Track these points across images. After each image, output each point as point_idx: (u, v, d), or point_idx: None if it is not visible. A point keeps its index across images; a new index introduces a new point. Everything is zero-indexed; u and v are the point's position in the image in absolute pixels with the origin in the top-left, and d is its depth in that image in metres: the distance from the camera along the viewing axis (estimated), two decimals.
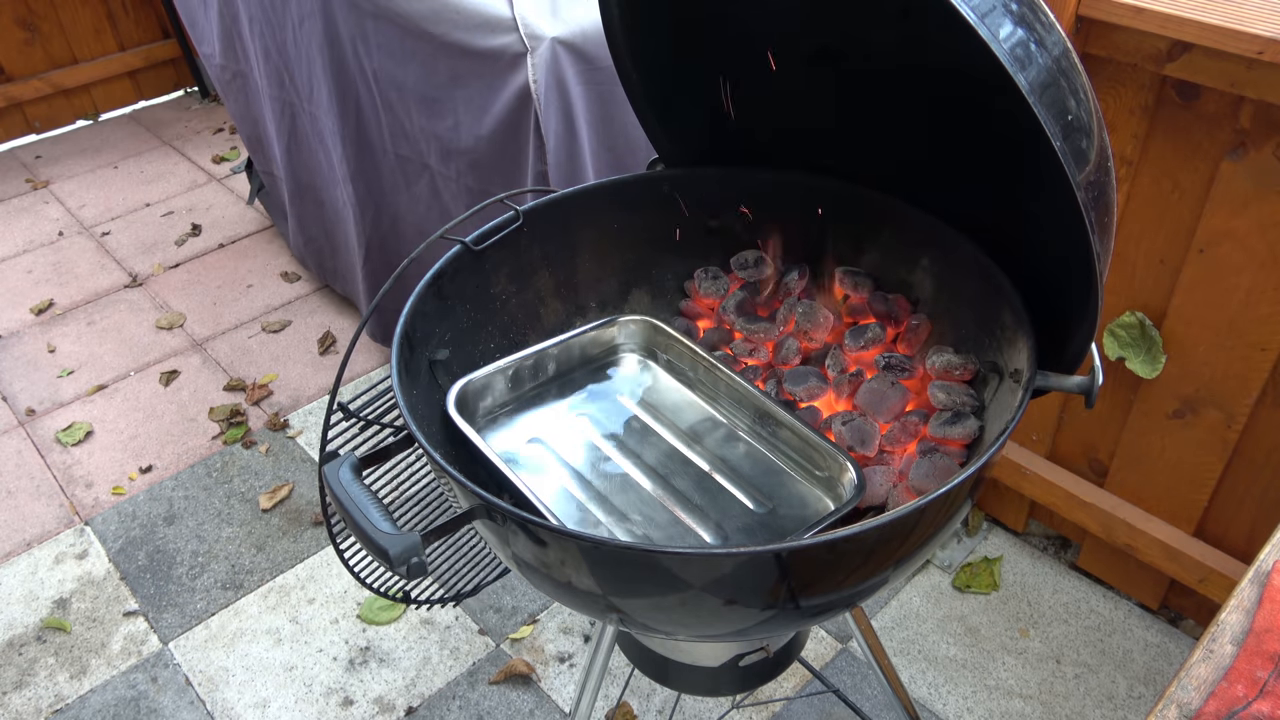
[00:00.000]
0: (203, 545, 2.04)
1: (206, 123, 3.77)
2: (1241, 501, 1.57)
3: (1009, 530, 1.98)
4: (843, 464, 0.95)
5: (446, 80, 1.70)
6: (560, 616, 1.85)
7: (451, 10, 1.62)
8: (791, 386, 1.08)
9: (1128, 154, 1.43)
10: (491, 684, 1.74)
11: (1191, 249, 1.42)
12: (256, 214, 3.17)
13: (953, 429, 0.97)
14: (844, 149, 1.13)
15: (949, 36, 0.71)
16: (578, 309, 1.20)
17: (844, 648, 1.78)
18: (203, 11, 2.43)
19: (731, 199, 1.20)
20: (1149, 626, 1.79)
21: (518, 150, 1.66)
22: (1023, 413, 0.84)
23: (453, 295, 1.05)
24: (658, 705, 1.70)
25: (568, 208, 1.15)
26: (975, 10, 0.68)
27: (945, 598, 1.86)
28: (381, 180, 2.07)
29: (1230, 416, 1.49)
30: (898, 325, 1.13)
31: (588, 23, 1.54)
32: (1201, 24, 1.22)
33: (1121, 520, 1.68)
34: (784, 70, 1.11)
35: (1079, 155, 0.72)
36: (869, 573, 0.85)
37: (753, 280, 1.22)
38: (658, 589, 0.83)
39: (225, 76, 2.51)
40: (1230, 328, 1.43)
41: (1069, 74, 0.73)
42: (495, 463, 0.94)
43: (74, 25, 3.57)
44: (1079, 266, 0.79)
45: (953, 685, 1.71)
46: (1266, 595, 0.72)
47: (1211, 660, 0.69)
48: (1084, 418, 1.71)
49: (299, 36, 2.03)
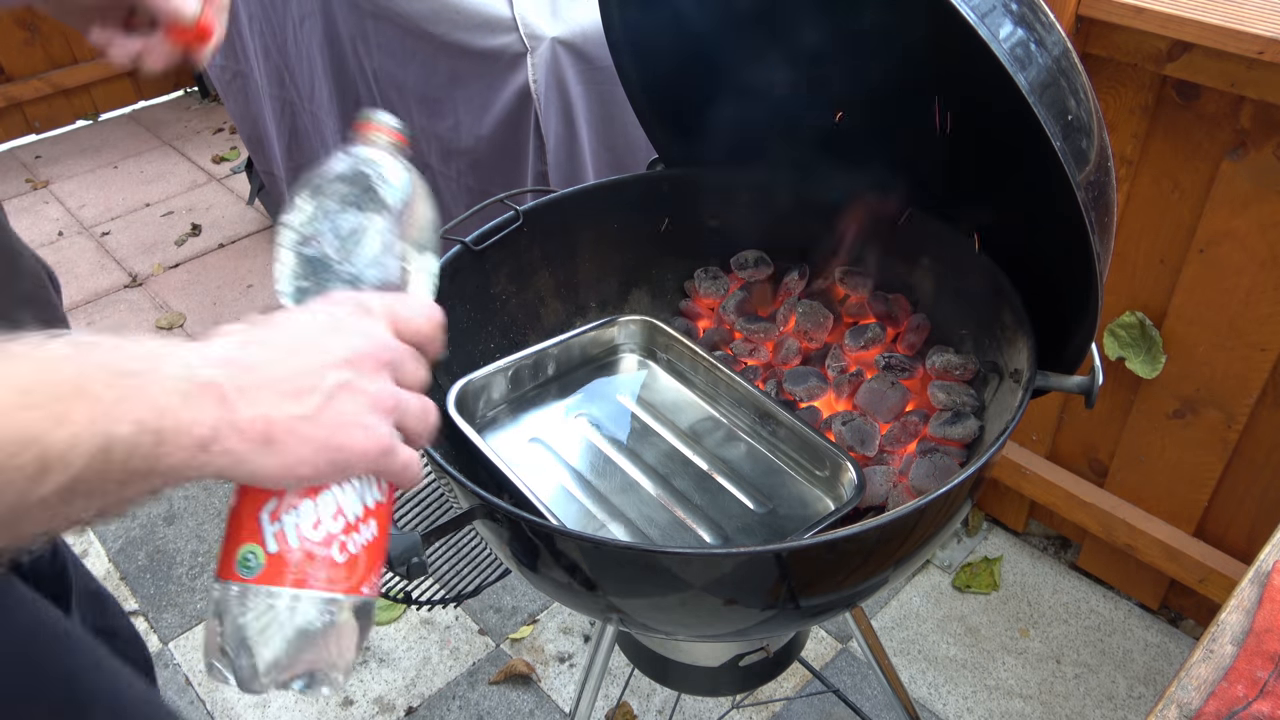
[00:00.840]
0: (203, 545, 2.04)
1: (206, 123, 3.77)
2: (1241, 501, 1.57)
3: (1009, 530, 1.98)
4: (843, 464, 0.95)
5: (446, 80, 1.70)
6: (560, 616, 1.85)
7: (451, 10, 1.62)
8: (791, 386, 1.08)
9: (1128, 154, 1.43)
10: (491, 684, 1.74)
11: (1191, 249, 1.42)
12: (256, 214, 3.17)
13: (953, 429, 0.97)
14: (844, 149, 1.13)
15: (949, 36, 0.71)
16: (578, 309, 1.20)
17: (844, 648, 1.78)
18: None
19: (731, 199, 1.20)
20: (1149, 626, 1.79)
21: (518, 150, 1.66)
22: (1023, 413, 0.84)
23: (453, 295, 1.05)
24: (658, 705, 1.70)
25: (568, 208, 1.15)
26: (975, 10, 0.68)
27: (945, 598, 1.86)
28: None
29: (1230, 416, 1.49)
30: (898, 325, 1.13)
31: (588, 23, 1.54)
32: (1201, 24, 1.22)
33: (1121, 520, 1.68)
34: (784, 69, 1.11)
35: (1079, 155, 0.72)
36: (869, 573, 0.85)
37: (753, 280, 1.22)
38: (658, 589, 0.83)
39: (225, 76, 2.51)
40: (1230, 328, 1.43)
41: (1069, 74, 0.73)
42: (495, 463, 0.94)
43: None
44: (1079, 266, 0.79)
45: (953, 685, 1.71)
46: (1266, 595, 0.72)
47: (1211, 660, 0.69)
48: (1084, 418, 1.71)
49: (299, 36, 2.04)
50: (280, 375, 0.53)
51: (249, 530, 0.56)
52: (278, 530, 0.56)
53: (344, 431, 0.54)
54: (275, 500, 0.56)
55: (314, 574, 0.56)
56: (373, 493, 0.59)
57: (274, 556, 0.55)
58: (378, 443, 0.55)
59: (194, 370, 0.50)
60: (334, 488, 0.57)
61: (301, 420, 0.52)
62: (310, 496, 0.56)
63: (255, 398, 0.51)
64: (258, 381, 0.52)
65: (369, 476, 0.59)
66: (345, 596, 0.57)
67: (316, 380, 0.53)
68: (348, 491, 0.58)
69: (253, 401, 0.51)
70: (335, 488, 0.57)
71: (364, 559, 0.58)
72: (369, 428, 0.55)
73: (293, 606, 0.55)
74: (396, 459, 0.57)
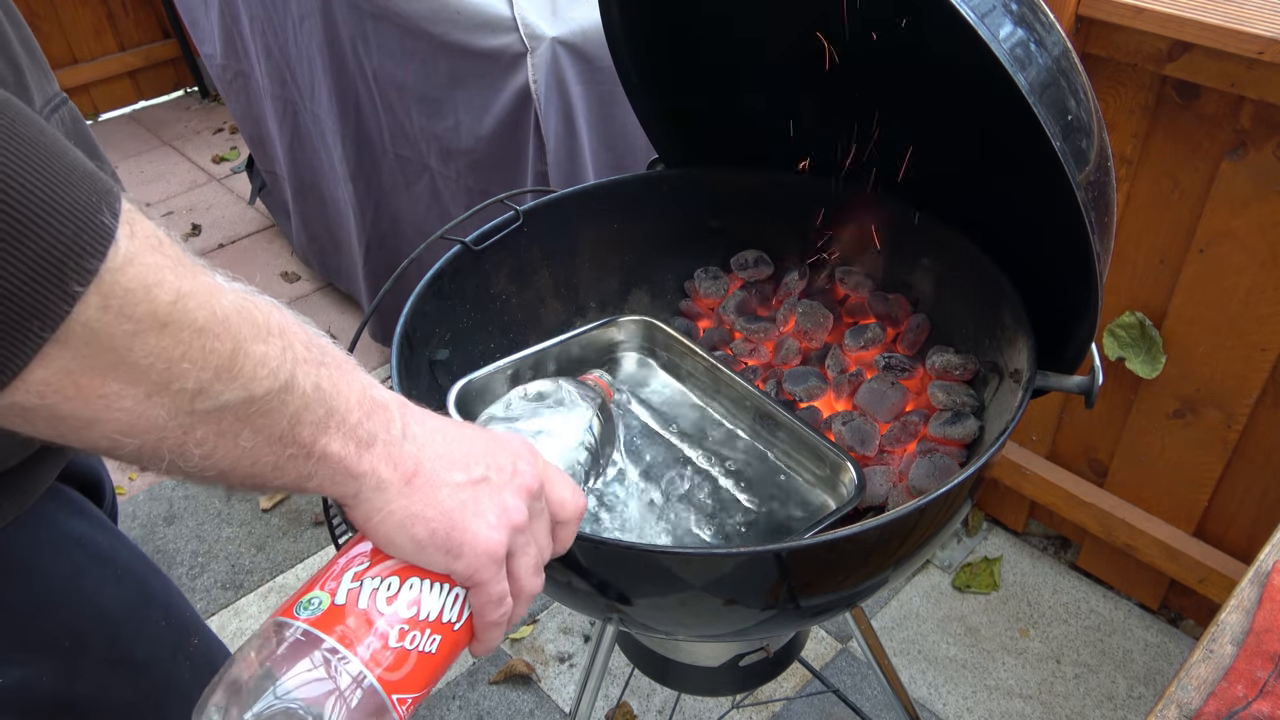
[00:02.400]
0: (203, 545, 2.04)
1: (206, 123, 3.77)
2: (1241, 501, 1.57)
3: (1009, 530, 1.98)
4: (843, 464, 0.95)
5: (446, 80, 1.70)
6: (560, 616, 1.85)
7: (451, 10, 1.62)
8: (791, 386, 1.08)
9: (1128, 154, 1.43)
10: (491, 684, 1.74)
11: (1191, 249, 1.42)
12: (256, 214, 3.17)
13: (953, 429, 0.97)
14: (844, 149, 1.13)
15: (949, 36, 0.71)
16: (578, 309, 1.20)
17: (844, 648, 1.78)
18: (203, 11, 2.43)
19: (731, 199, 1.20)
20: (1149, 626, 1.79)
21: (518, 150, 1.66)
22: (1023, 413, 0.84)
23: (453, 295, 1.05)
24: (658, 705, 1.70)
25: (568, 208, 1.15)
26: (975, 10, 0.69)
27: (945, 598, 1.86)
28: (381, 180, 2.07)
29: (1230, 416, 1.49)
30: (898, 325, 1.13)
31: (588, 23, 1.54)
32: (1201, 24, 1.22)
33: (1121, 520, 1.68)
34: (784, 70, 1.11)
35: (1079, 155, 0.72)
36: (869, 573, 0.85)
37: (753, 280, 1.22)
38: (658, 589, 0.83)
39: (226, 76, 2.51)
40: (1230, 328, 1.43)
41: (1069, 74, 0.73)
42: None
43: (74, 25, 3.57)
44: (1079, 266, 0.79)
45: (953, 685, 1.71)
46: (1266, 595, 0.72)
47: (1211, 660, 0.69)
48: (1084, 418, 1.71)
49: (299, 36, 2.03)
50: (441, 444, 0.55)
51: (326, 580, 0.56)
52: (354, 588, 0.55)
53: (473, 517, 0.55)
54: (367, 564, 0.56)
55: (362, 641, 0.53)
56: (452, 612, 0.57)
57: (336, 607, 0.54)
58: (493, 546, 0.56)
59: (372, 389, 0.53)
60: (424, 581, 0.56)
61: (446, 484, 0.54)
62: (400, 574, 0.56)
63: (416, 443, 0.54)
64: (421, 435, 0.55)
65: (458, 594, 0.57)
66: (376, 682, 0.53)
67: (470, 465, 0.56)
68: (433, 592, 0.56)
69: (414, 443, 0.54)
70: (424, 582, 0.56)
71: (413, 663, 0.55)
72: (493, 528, 0.55)
73: (325, 659, 0.52)
74: (495, 586, 0.57)
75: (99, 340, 0.40)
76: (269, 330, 0.46)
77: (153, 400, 0.43)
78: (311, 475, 0.50)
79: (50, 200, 0.39)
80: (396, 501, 0.53)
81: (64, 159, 0.40)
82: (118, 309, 0.40)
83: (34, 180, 0.38)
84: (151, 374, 0.42)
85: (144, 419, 0.43)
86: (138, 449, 0.44)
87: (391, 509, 0.53)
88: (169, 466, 0.46)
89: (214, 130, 3.71)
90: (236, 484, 0.49)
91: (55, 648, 0.71)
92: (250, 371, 0.45)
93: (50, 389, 0.40)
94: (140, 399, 0.42)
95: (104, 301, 0.40)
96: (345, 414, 0.50)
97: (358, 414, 0.51)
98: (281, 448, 0.48)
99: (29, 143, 0.39)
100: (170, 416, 0.43)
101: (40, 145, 0.39)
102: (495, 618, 0.58)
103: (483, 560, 0.55)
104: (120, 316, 0.41)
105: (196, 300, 0.43)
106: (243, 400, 0.45)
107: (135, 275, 0.41)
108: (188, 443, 0.45)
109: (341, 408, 0.50)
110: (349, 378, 0.51)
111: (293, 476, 0.49)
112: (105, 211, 0.40)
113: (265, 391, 0.46)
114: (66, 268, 0.39)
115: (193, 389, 0.43)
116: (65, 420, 0.42)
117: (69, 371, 0.40)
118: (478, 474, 0.56)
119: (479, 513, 0.55)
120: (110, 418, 0.42)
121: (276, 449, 0.48)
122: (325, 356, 0.50)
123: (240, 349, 0.45)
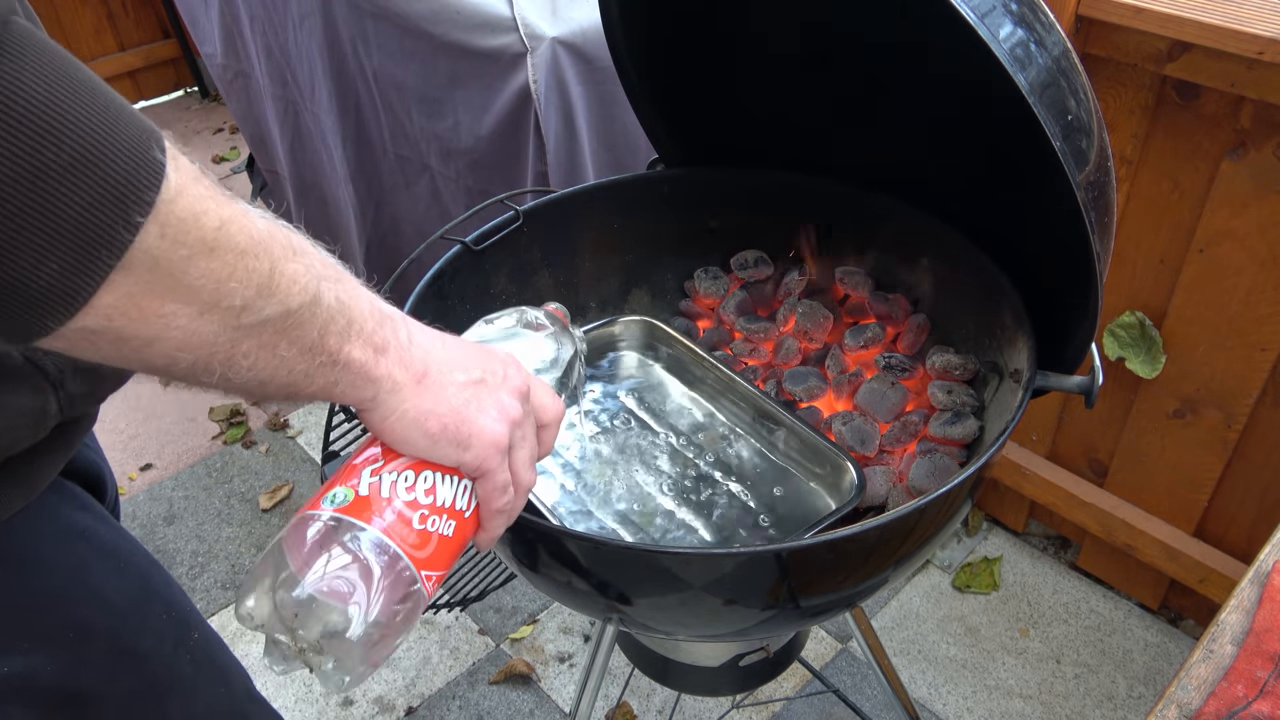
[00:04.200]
0: (203, 545, 2.04)
1: (206, 123, 3.77)
2: (1241, 501, 1.57)
3: (1009, 530, 1.98)
4: (843, 464, 0.95)
5: (446, 80, 1.70)
6: (560, 616, 1.85)
7: (451, 10, 1.62)
8: (791, 386, 1.08)
9: (1128, 154, 1.43)
10: (491, 684, 1.74)
11: (1191, 249, 1.42)
12: None
13: (953, 429, 0.97)
14: (844, 149, 1.13)
15: (949, 36, 0.71)
16: (578, 309, 1.20)
17: (844, 648, 1.78)
18: (203, 11, 2.43)
19: (731, 199, 1.20)
20: (1149, 626, 1.79)
21: (518, 150, 1.66)
22: (1023, 413, 0.84)
23: (453, 295, 1.05)
24: (658, 705, 1.70)
25: (568, 208, 1.15)
26: (975, 10, 0.69)
27: (945, 598, 1.86)
28: (381, 180, 2.07)
29: (1230, 416, 1.49)
30: (898, 325, 1.13)
31: (588, 23, 1.54)
32: (1201, 24, 1.22)
33: (1121, 520, 1.68)
34: (783, 70, 1.11)
35: (1079, 155, 0.72)
36: (869, 573, 0.85)
37: (752, 280, 1.22)
38: (658, 589, 0.83)
39: (227, 76, 2.51)
40: (1230, 328, 1.43)
41: (1069, 74, 0.73)
42: None
43: (74, 25, 3.57)
44: (1079, 266, 0.79)
45: (953, 685, 1.71)
46: (1266, 595, 0.72)
47: (1211, 660, 0.69)
48: (1084, 418, 1.71)
49: (299, 36, 2.03)
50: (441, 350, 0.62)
51: (346, 477, 0.61)
52: (374, 481, 0.60)
53: (478, 412, 0.61)
54: (383, 461, 0.61)
55: (390, 521, 0.59)
56: (463, 501, 0.63)
57: (361, 497, 0.59)
58: (498, 437, 0.62)
59: (378, 302, 0.58)
60: (435, 473, 0.61)
61: (451, 383, 0.60)
62: (414, 469, 0.61)
63: (422, 348, 0.60)
64: (425, 342, 0.61)
65: (466, 485, 0.63)
66: (406, 558, 0.59)
67: (472, 366, 0.62)
68: (446, 482, 0.62)
69: (420, 348, 0.60)
70: (436, 474, 0.61)
71: (435, 544, 0.60)
72: (496, 420, 0.62)
73: (357, 537, 0.58)
74: (500, 475, 0.63)
75: (159, 265, 0.44)
76: (295, 250, 0.52)
77: (204, 318, 0.47)
78: (337, 382, 0.55)
79: (109, 139, 0.42)
80: (410, 401, 0.58)
81: (116, 101, 0.44)
82: (173, 236, 0.44)
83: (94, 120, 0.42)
84: (203, 294, 0.46)
85: (197, 335, 0.47)
86: (191, 364, 0.49)
87: (405, 408, 0.59)
88: (220, 379, 0.50)
89: (214, 130, 3.71)
90: (274, 393, 0.54)
91: (59, 638, 0.72)
92: (285, 288, 0.50)
93: (117, 312, 0.44)
94: (194, 317, 0.47)
95: (161, 230, 0.44)
96: (362, 323, 0.55)
97: (372, 323, 0.56)
98: (312, 356, 0.53)
99: (86, 86, 0.42)
100: (220, 332, 0.48)
101: (95, 88, 0.43)
102: (500, 505, 0.64)
103: (489, 450, 0.61)
104: (175, 243, 0.45)
105: (236, 225, 0.47)
106: (281, 314, 0.50)
107: (185, 205, 0.45)
108: (235, 355, 0.50)
109: (359, 317, 0.55)
110: (359, 292, 0.57)
111: (321, 384, 0.55)
112: (155, 147, 0.44)
113: (299, 305, 0.51)
114: (129, 200, 0.42)
115: (239, 305, 0.48)
116: (128, 341, 0.46)
117: (132, 295, 0.44)
118: (476, 375, 0.62)
119: (482, 408, 0.61)
120: (169, 336, 0.47)
121: (308, 358, 0.53)
122: (339, 274, 0.56)
123: (276, 268, 0.49)
